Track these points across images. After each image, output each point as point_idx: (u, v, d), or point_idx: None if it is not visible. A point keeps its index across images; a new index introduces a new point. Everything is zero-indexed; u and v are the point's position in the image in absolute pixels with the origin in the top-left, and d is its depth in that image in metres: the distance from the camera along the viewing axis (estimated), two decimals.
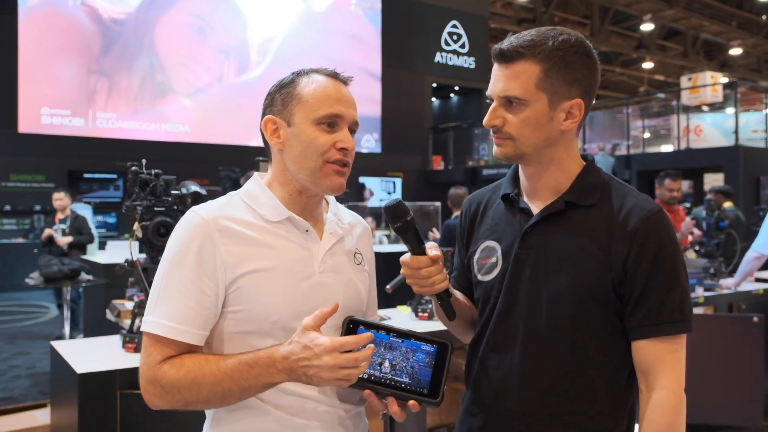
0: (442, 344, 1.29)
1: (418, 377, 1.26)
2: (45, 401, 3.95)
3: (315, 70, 1.36)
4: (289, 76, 1.36)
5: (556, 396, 1.32)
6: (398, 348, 1.27)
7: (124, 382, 2.44)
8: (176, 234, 1.29)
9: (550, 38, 1.29)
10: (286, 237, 1.32)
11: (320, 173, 1.30)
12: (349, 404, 1.33)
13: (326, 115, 1.30)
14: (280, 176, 1.35)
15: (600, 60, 1.38)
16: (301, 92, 1.31)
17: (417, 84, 15.65)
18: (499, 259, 1.39)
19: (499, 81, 1.32)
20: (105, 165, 11.79)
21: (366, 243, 1.49)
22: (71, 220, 6.97)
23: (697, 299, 4.25)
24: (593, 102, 1.37)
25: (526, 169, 1.40)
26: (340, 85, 1.34)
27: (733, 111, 12.18)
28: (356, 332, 1.26)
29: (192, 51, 13.00)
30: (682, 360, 1.29)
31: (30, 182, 11.35)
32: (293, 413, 1.27)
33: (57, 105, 11.63)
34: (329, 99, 1.31)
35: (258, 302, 1.26)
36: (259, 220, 1.31)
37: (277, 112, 1.33)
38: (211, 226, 1.26)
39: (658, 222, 1.30)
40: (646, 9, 19.57)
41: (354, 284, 1.39)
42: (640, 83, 25.23)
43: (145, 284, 2.77)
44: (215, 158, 11.67)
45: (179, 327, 1.23)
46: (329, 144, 1.30)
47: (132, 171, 2.87)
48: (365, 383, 1.25)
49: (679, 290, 1.29)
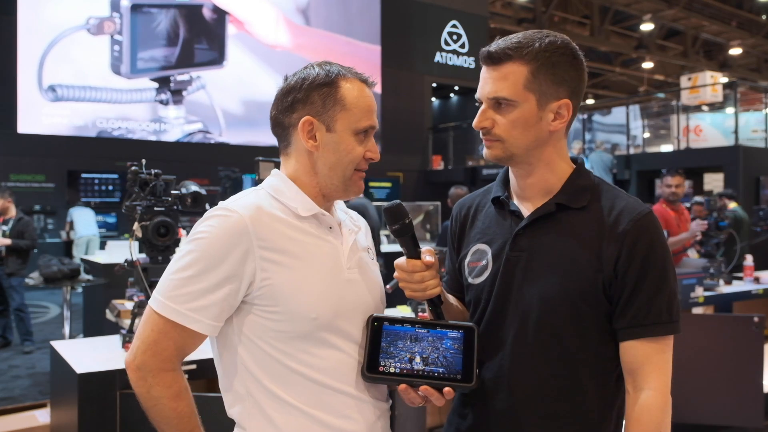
0: (468, 328, 1.32)
1: (450, 364, 1.29)
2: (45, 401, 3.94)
3: (349, 71, 1.34)
4: (321, 72, 1.32)
5: (545, 397, 1.33)
6: (425, 338, 1.30)
7: (124, 382, 2.43)
8: (213, 228, 1.25)
9: (536, 40, 1.31)
10: (315, 234, 1.32)
11: (350, 181, 1.34)
12: (381, 401, 1.36)
13: (366, 127, 1.32)
14: (305, 175, 1.34)
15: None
16: (345, 98, 1.30)
17: (417, 84, 15.65)
18: (490, 262, 1.40)
19: (488, 83, 1.34)
20: (105, 165, 11.79)
21: (370, 239, 1.52)
22: (14, 222, 6.50)
23: (696, 299, 4.24)
24: (581, 103, 1.39)
25: (516, 171, 1.41)
26: (371, 93, 1.35)
27: (732, 111, 12.18)
28: (381, 329, 1.30)
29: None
30: (669, 361, 1.31)
31: (30, 182, 11.35)
32: (331, 412, 1.28)
33: (57, 104, 11.63)
34: (370, 110, 1.32)
35: (295, 300, 1.25)
36: (288, 216, 1.30)
37: (316, 114, 1.30)
38: (248, 224, 1.24)
39: (648, 224, 1.31)
40: (646, 9, 19.57)
41: (376, 279, 1.42)
42: (640, 83, 25.23)
43: (145, 284, 2.77)
44: (215, 158, 11.67)
45: (194, 316, 1.23)
46: (362, 154, 1.32)
47: (132, 171, 2.87)
48: (399, 378, 1.27)
49: (668, 291, 1.30)
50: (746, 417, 3.48)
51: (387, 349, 1.29)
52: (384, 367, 1.28)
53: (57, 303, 9.00)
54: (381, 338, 1.30)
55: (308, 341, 1.26)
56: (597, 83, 25.06)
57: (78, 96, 11.84)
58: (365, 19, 14.98)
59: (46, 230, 11.29)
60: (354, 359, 1.30)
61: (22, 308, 6.49)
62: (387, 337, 1.30)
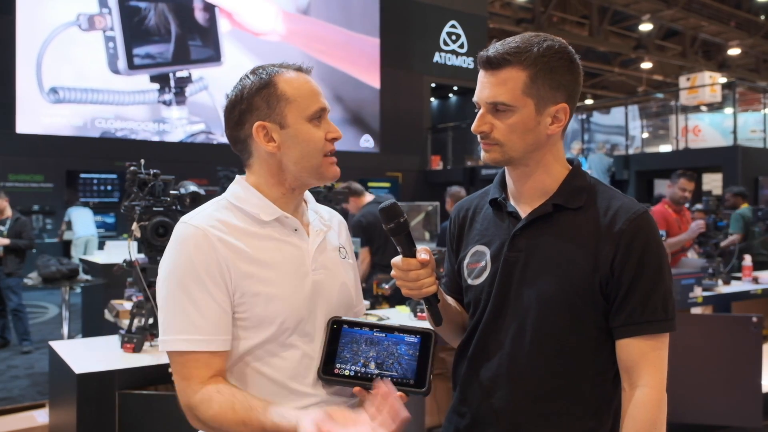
0: (425, 334, 1.31)
1: (404, 369, 1.28)
2: (43, 401, 3.93)
3: (281, 66, 1.35)
4: (255, 78, 1.33)
5: (543, 395, 1.34)
6: (381, 342, 1.30)
7: (123, 383, 2.43)
8: (174, 247, 1.28)
9: (534, 45, 1.32)
10: (278, 238, 1.33)
11: (322, 168, 1.34)
12: (344, 397, 1.35)
13: (316, 110, 1.32)
14: (271, 177, 1.35)
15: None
16: (285, 92, 1.31)
17: (416, 84, 15.66)
18: (488, 263, 1.42)
19: (486, 88, 1.34)
20: (103, 165, 11.78)
21: (344, 235, 1.52)
22: (11, 222, 6.50)
23: (695, 299, 4.25)
24: (577, 104, 1.40)
25: (513, 173, 1.42)
26: (311, 78, 1.37)
27: (731, 111, 12.19)
28: (340, 332, 1.31)
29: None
30: (664, 358, 1.32)
31: (28, 182, 11.34)
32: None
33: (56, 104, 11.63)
34: (313, 94, 1.33)
35: (260, 307, 1.27)
36: (248, 224, 1.32)
37: (265, 117, 1.31)
38: (206, 234, 1.26)
39: (644, 223, 1.33)
40: (645, 9, 19.59)
41: (343, 279, 1.41)
42: (639, 83, 25.24)
43: (143, 284, 2.76)
44: (213, 158, 11.67)
45: (200, 338, 1.24)
46: (323, 138, 1.33)
47: (130, 171, 2.86)
48: (353, 380, 1.28)
49: (663, 290, 1.32)
50: (744, 417, 3.48)
51: (343, 352, 1.30)
52: (339, 369, 1.29)
53: (56, 303, 9.00)
54: (339, 340, 1.31)
55: (272, 344, 1.28)
56: (596, 83, 25.07)
57: (80, 98, 11.85)
58: (365, 18, 14.98)
59: (45, 230, 11.28)
60: (314, 360, 1.31)
61: (19, 308, 6.50)
62: (344, 340, 1.31)
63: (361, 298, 1.52)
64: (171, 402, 2.40)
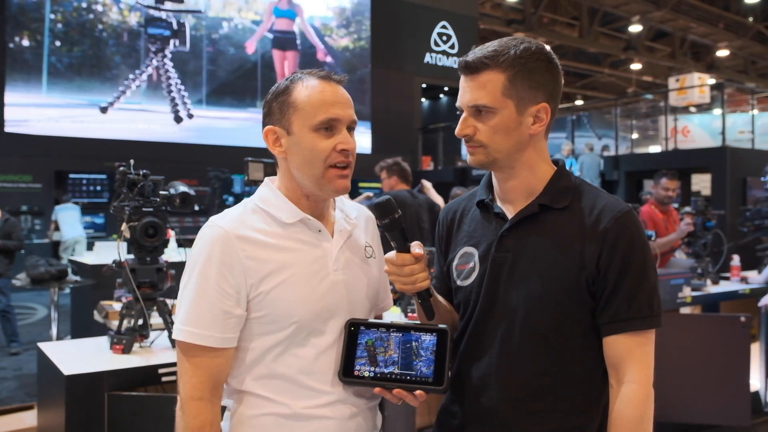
0: (441, 331, 1.34)
1: (422, 367, 1.32)
2: (32, 403, 3.92)
3: (309, 73, 1.37)
4: (283, 82, 1.38)
5: (532, 394, 1.37)
6: (399, 343, 1.34)
7: (112, 384, 2.42)
8: (199, 246, 1.33)
9: (512, 47, 1.35)
10: (301, 239, 1.36)
11: (324, 179, 1.34)
12: (363, 398, 1.38)
13: (323, 120, 1.32)
14: (287, 182, 1.39)
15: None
16: (296, 100, 1.33)
17: (406, 84, 15.66)
18: (477, 264, 1.44)
19: (467, 92, 1.38)
20: (92, 165, 11.70)
21: (372, 231, 1.54)
22: (1, 223, 6.43)
23: (684, 299, 4.27)
24: (558, 106, 1.43)
25: (499, 174, 1.45)
26: (335, 87, 1.36)
27: (720, 112, 12.28)
28: (358, 333, 1.34)
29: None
30: (651, 355, 1.34)
31: (17, 182, 11.25)
32: (306, 407, 1.32)
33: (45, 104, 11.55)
34: (325, 103, 1.33)
35: (279, 306, 1.31)
36: (273, 225, 1.35)
37: (276, 122, 1.36)
38: (231, 235, 1.30)
39: (628, 221, 1.35)
40: (635, 10, 19.68)
41: (367, 278, 1.44)
42: (629, 84, 25.37)
43: (133, 285, 2.75)
44: (204, 158, 11.62)
45: (204, 333, 1.28)
46: (329, 149, 1.33)
47: (120, 171, 2.85)
48: (373, 382, 1.31)
49: (648, 287, 1.34)
50: (734, 416, 3.51)
51: (362, 354, 1.34)
52: (359, 371, 1.33)
53: (44, 304, 8.93)
54: (356, 343, 1.34)
55: (289, 342, 1.32)
56: (586, 84, 25.18)
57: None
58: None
59: (34, 231, 11.19)
60: (331, 358, 1.35)
61: (8, 309, 6.46)
62: (362, 341, 1.34)
63: (388, 293, 1.56)
64: (160, 403, 2.39)
